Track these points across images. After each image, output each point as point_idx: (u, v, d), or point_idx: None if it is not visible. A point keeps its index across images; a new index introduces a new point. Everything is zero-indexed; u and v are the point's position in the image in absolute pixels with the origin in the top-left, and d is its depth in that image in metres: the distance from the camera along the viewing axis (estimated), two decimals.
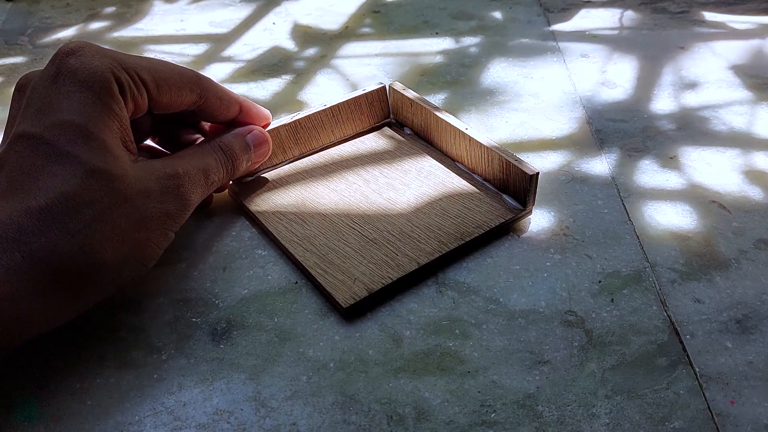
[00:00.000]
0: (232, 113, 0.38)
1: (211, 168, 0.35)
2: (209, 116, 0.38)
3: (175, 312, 0.35)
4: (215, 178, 0.36)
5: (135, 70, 0.32)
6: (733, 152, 0.46)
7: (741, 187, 0.43)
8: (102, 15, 0.66)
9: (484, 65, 0.56)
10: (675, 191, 0.43)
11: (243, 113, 0.39)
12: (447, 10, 0.65)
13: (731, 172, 0.44)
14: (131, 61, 0.32)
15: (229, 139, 0.37)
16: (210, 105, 0.36)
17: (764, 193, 0.43)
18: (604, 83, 0.54)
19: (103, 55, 0.31)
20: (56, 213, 0.28)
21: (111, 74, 0.31)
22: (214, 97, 0.36)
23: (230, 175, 0.37)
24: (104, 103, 0.30)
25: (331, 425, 0.30)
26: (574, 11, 0.65)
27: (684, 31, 0.61)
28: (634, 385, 0.31)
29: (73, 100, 0.30)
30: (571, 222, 0.40)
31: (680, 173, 0.44)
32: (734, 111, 0.50)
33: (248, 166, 0.39)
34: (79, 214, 0.28)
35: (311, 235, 0.38)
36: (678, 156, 0.46)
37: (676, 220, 0.41)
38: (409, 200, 0.41)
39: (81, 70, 0.30)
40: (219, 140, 0.37)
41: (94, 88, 0.30)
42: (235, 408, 0.31)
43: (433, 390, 0.31)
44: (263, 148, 0.39)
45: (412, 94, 0.45)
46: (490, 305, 0.35)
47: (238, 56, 0.59)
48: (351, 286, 0.35)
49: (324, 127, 0.45)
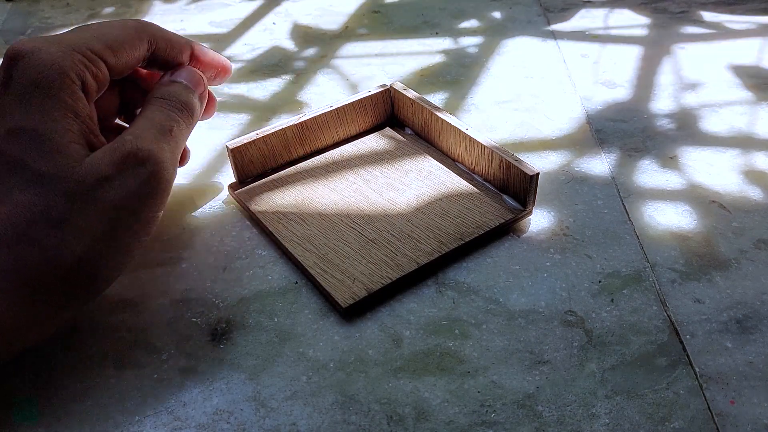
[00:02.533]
0: (185, 57, 0.36)
1: (162, 120, 0.32)
2: (162, 63, 0.35)
3: (175, 312, 0.35)
4: (174, 126, 0.33)
5: (86, 46, 0.30)
6: (733, 152, 0.46)
7: (741, 187, 0.43)
8: (102, 15, 0.66)
9: (484, 65, 0.56)
10: (675, 191, 0.43)
11: (196, 59, 0.37)
12: (447, 10, 0.65)
13: (731, 172, 0.44)
14: (79, 39, 0.31)
15: (164, 86, 0.34)
16: (160, 50, 0.34)
17: (764, 193, 0.43)
18: (604, 83, 0.54)
19: (50, 47, 0.30)
20: (17, 225, 0.27)
21: (61, 65, 0.29)
22: (162, 40, 0.35)
23: (189, 116, 0.34)
24: (57, 98, 0.29)
25: (331, 425, 0.30)
26: (574, 11, 0.64)
27: (684, 31, 0.61)
28: (634, 385, 0.31)
29: (24, 104, 0.29)
30: (571, 222, 0.40)
31: (680, 173, 0.44)
32: (735, 111, 0.50)
33: (202, 98, 0.36)
34: (36, 223, 0.28)
35: (311, 234, 0.38)
36: (678, 156, 0.46)
37: (676, 220, 0.41)
38: (409, 200, 0.41)
39: (29, 70, 0.29)
40: (155, 92, 0.34)
41: (44, 86, 0.29)
42: (235, 408, 0.31)
43: (433, 390, 0.31)
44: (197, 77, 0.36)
45: (412, 94, 0.45)
46: (490, 305, 0.35)
47: (238, 56, 0.59)
48: (350, 286, 0.35)
49: (329, 128, 0.45)
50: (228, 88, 0.54)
